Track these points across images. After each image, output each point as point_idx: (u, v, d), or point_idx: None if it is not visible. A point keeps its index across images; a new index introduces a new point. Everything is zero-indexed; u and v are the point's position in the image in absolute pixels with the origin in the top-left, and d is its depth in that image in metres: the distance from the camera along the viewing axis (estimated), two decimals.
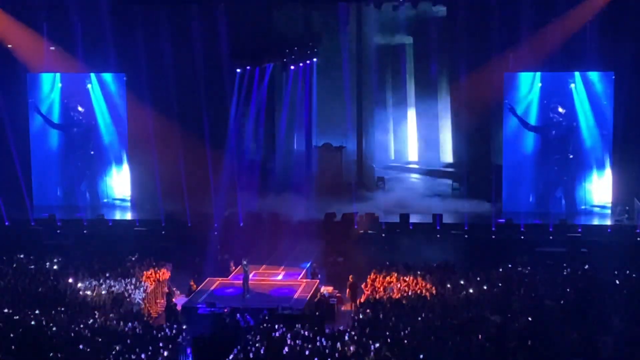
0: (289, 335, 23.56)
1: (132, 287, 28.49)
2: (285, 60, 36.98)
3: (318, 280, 30.38)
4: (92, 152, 39.00)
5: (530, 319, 24.47)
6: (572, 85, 36.08)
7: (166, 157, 37.06)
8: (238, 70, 37.14)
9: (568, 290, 26.98)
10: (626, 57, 34.33)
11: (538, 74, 36.31)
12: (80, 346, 22.78)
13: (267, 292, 29.22)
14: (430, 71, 43.14)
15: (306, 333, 23.83)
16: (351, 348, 22.74)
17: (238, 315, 25.91)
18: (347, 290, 29.72)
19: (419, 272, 29.07)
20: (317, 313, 27.17)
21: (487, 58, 36.37)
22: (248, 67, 37.37)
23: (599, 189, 36.28)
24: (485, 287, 27.60)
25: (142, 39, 36.46)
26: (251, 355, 22.47)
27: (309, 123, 41.47)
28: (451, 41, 39.45)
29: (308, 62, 39.72)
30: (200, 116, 37.31)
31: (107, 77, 38.55)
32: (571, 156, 36.42)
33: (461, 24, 37.05)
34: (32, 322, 24.55)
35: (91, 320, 24.90)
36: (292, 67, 38.78)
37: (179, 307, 28.15)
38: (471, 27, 36.74)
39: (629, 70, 34.41)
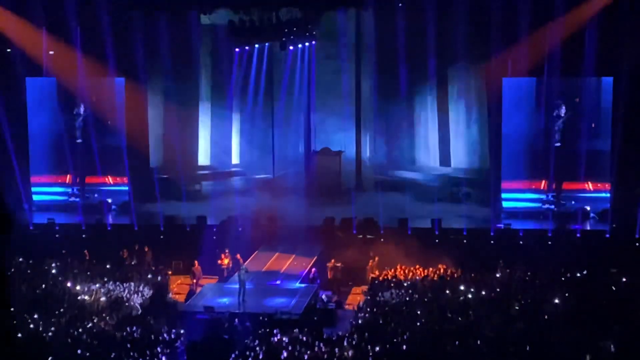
0: (287, 341, 23.54)
1: (131, 291, 28.47)
2: (284, 39, 36.39)
3: (317, 285, 30.36)
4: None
5: (529, 323, 24.47)
6: None
7: (165, 157, 36.94)
8: (237, 49, 36.63)
9: (567, 294, 26.98)
10: (626, 62, 34.13)
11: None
12: (79, 351, 22.76)
13: (266, 297, 29.18)
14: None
15: (304, 338, 23.80)
16: (350, 353, 22.73)
17: (236, 320, 25.86)
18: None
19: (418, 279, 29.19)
20: (315, 318, 27.15)
21: (484, 61, 36.29)
22: (247, 47, 36.82)
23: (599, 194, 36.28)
24: (484, 292, 27.60)
25: (141, 37, 36.38)
26: None
27: (307, 126, 41.40)
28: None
29: (307, 44, 39.17)
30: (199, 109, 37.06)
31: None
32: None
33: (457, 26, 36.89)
34: (31, 327, 24.52)
35: (89, 325, 24.88)
36: (290, 48, 38.21)
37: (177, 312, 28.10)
38: (468, 29, 36.57)
39: (629, 75, 34.26)
